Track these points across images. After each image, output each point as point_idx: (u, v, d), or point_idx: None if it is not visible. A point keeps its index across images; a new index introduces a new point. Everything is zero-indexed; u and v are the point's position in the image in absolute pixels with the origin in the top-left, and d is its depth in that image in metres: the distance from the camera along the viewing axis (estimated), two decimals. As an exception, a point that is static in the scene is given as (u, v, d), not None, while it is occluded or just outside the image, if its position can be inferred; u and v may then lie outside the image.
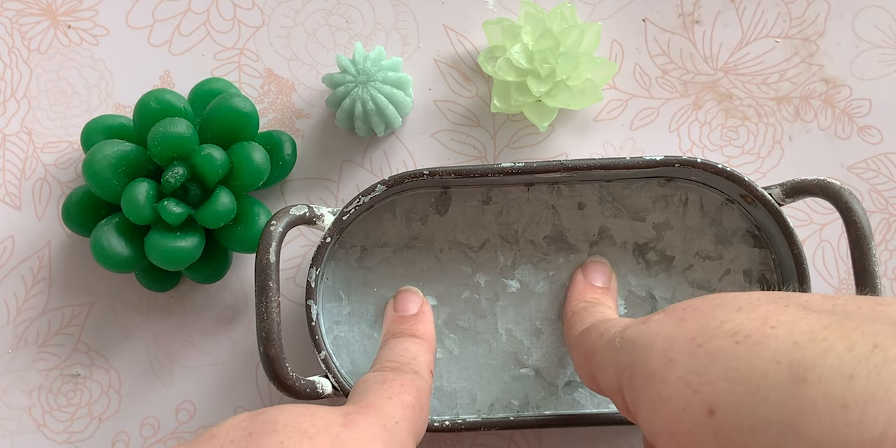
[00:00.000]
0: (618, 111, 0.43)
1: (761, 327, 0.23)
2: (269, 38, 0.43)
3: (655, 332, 0.27)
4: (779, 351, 0.22)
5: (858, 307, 0.24)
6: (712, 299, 0.27)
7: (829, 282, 0.42)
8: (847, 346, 0.21)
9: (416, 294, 0.39)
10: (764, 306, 0.25)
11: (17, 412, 0.42)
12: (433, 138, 0.43)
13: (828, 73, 0.43)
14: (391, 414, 0.29)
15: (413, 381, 0.32)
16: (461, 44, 0.43)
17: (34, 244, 0.43)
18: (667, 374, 0.25)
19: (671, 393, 0.24)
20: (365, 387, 0.31)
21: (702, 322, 0.26)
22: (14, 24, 0.43)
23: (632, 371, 0.27)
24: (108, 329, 0.42)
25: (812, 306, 0.24)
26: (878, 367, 0.20)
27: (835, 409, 0.20)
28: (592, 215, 0.40)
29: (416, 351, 0.35)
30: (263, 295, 0.34)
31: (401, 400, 0.30)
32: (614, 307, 0.38)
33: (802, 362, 0.21)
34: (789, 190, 0.36)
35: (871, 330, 0.21)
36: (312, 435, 0.26)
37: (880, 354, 0.20)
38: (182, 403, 0.42)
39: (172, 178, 0.38)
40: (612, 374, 0.29)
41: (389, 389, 0.31)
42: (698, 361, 0.24)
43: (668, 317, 0.27)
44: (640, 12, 0.43)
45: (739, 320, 0.24)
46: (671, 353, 0.25)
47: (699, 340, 0.25)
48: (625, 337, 0.29)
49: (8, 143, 0.43)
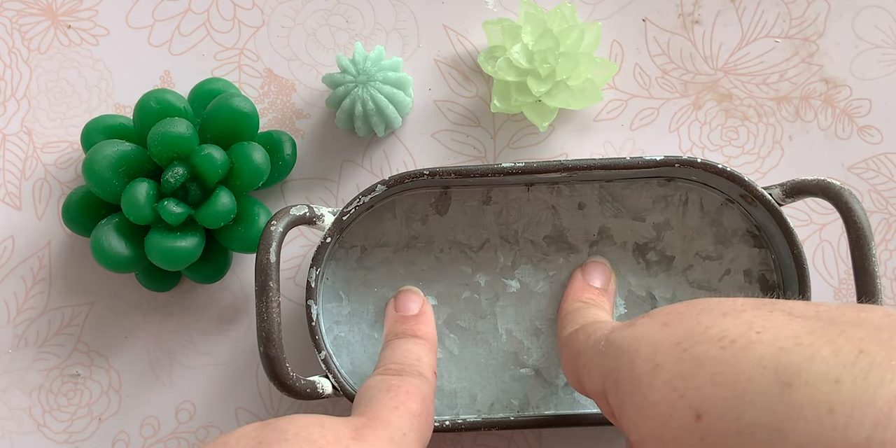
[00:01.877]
0: (618, 111, 0.43)
1: (747, 332, 0.24)
2: (269, 38, 0.43)
3: (640, 336, 0.27)
4: (765, 356, 0.22)
5: (842, 313, 0.24)
6: (697, 304, 0.27)
7: (829, 282, 0.42)
8: (832, 352, 0.21)
9: (417, 294, 0.39)
10: (749, 312, 0.25)
11: (17, 412, 0.42)
12: (433, 138, 0.43)
13: (828, 73, 0.43)
14: (399, 426, 0.29)
15: (418, 386, 0.32)
16: (461, 44, 0.43)
17: (34, 244, 0.43)
18: (653, 378, 0.25)
19: (658, 398, 0.24)
20: (370, 395, 0.31)
21: (686, 327, 0.26)
22: (14, 24, 0.43)
23: (617, 376, 0.27)
24: (108, 329, 0.42)
25: (796, 312, 0.24)
26: (863, 372, 0.20)
27: (821, 413, 0.20)
28: (592, 215, 0.40)
29: (419, 352, 0.35)
30: (264, 295, 0.34)
31: (408, 409, 0.30)
32: (609, 309, 0.38)
33: (788, 367, 0.21)
34: (789, 190, 0.36)
35: (855, 335, 0.22)
36: (322, 446, 0.26)
37: (866, 359, 0.20)
38: (182, 403, 0.42)
39: (172, 178, 0.38)
40: (596, 378, 0.29)
41: (395, 398, 0.31)
42: (684, 366, 0.24)
43: (653, 321, 0.27)
44: (640, 12, 0.43)
45: (724, 325, 0.25)
46: (657, 358, 0.25)
47: (684, 345, 0.25)
48: (610, 340, 0.29)
49: (8, 143, 0.43)
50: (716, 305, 0.26)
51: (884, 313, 0.23)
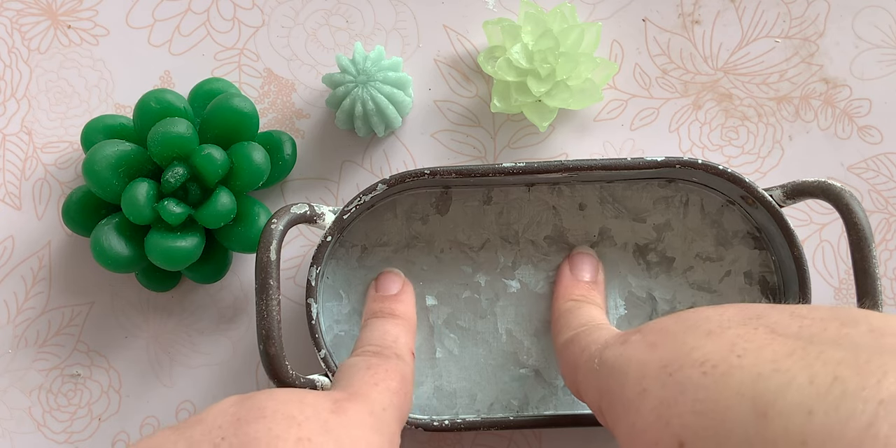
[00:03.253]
0: (618, 111, 0.43)
1: (728, 356, 0.24)
2: (269, 38, 0.43)
3: (630, 356, 0.27)
4: (743, 383, 0.22)
5: (824, 329, 0.24)
6: (685, 320, 0.27)
7: (830, 282, 0.42)
8: (808, 378, 0.21)
9: (398, 275, 0.39)
10: (733, 329, 0.25)
11: (17, 412, 0.42)
12: (433, 138, 0.43)
13: (828, 73, 0.43)
14: (378, 401, 0.30)
15: (397, 365, 0.33)
16: (461, 44, 0.43)
17: (34, 244, 0.43)
18: (641, 405, 0.25)
19: (645, 425, 0.25)
20: (351, 372, 0.32)
21: (672, 348, 0.26)
22: (14, 24, 0.43)
23: (610, 397, 0.28)
24: (108, 329, 0.42)
25: (780, 329, 0.25)
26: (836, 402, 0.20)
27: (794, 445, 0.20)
28: (593, 216, 0.40)
29: (397, 333, 0.36)
30: (264, 293, 0.34)
31: (387, 386, 0.31)
32: (601, 302, 0.38)
33: (765, 395, 0.22)
34: (790, 191, 0.36)
35: (833, 358, 0.22)
36: (301, 421, 0.26)
37: (839, 388, 0.20)
38: (182, 403, 0.42)
39: (172, 178, 0.38)
40: (594, 395, 0.30)
41: (376, 375, 0.31)
42: (668, 392, 0.24)
43: (643, 340, 0.28)
44: (640, 12, 0.43)
45: (708, 348, 0.25)
46: (644, 382, 0.26)
47: (670, 369, 0.25)
48: (603, 359, 0.29)
49: (8, 143, 0.43)
50: (703, 323, 0.27)
51: (867, 328, 0.23)
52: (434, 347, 0.40)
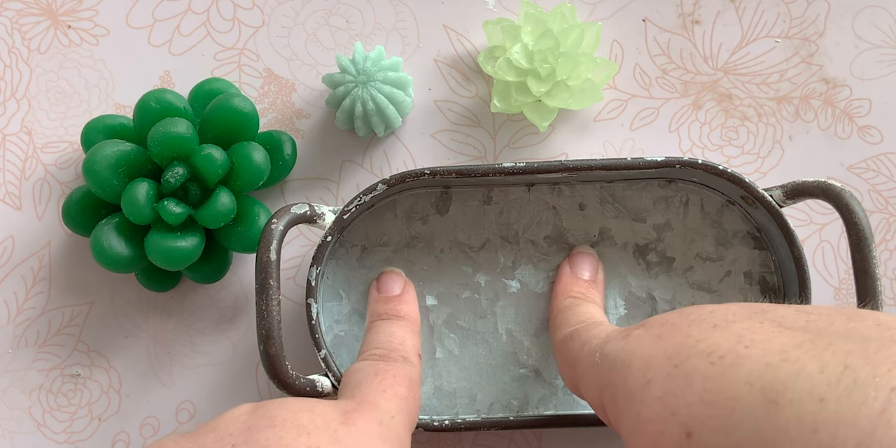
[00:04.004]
0: (618, 111, 0.43)
1: (735, 347, 0.24)
2: (269, 38, 0.43)
3: (633, 349, 0.27)
4: (752, 372, 0.22)
5: (831, 323, 0.24)
6: (689, 314, 0.27)
7: (830, 282, 0.42)
8: (818, 368, 0.21)
9: (399, 274, 0.39)
10: (739, 323, 0.25)
11: (17, 412, 0.42)
12: (433, 138, 0.43)
13: (828, 73, 0.43)
14: (387, 409, 0.30)
15: (404, 369, 0.33)
16: (461, 44, 0.43)
17: (34, 244, 0.43)
18: (645, 395, 0.25)
19: (650, 415, 0.25)
20: (358, 378, 0.32)
21: (678, 340, 0.26)
22: (14, 24, 0.43)
23: (613, 390, 0.27)
24: (108, 329, 0.42)
25: (786, 323, 0.25)
26: (847, 390, 0.20)
27: (806, 433, 0.20)
28: (593, 216, 0.40)
29: (403, 335, 0.36)
30: (264, 293, 0.34)
31: (395, 392, 0.31)
32: (601, 301, 0.38)
33: (774, 384, 0.22)
34: (790, 192, 0.36)
35: (842, 348, 0.22)
36: (311, 431, 0.26)
37: (850, 376, 0.20)
38: (182, 403, 0.42)
39: (172, 178, 0.38)
40: (594, 390, 0.29)
41: (383, 382, 0.31)
42: (675, 382, 0.24)
43: (647, 333, 0.28)
44: (640, 12, 0.43)
45: (714, 339, 0.25)
46: (649, 373, 0.26)
47: (675, 360, 0.25)
48: (605, 353, 0.29)
49: (8, 143, 0.43)
50: (708, 316, 0.26)
51: (873, 322, 0.23)
52: (434, 347, 0.40)
